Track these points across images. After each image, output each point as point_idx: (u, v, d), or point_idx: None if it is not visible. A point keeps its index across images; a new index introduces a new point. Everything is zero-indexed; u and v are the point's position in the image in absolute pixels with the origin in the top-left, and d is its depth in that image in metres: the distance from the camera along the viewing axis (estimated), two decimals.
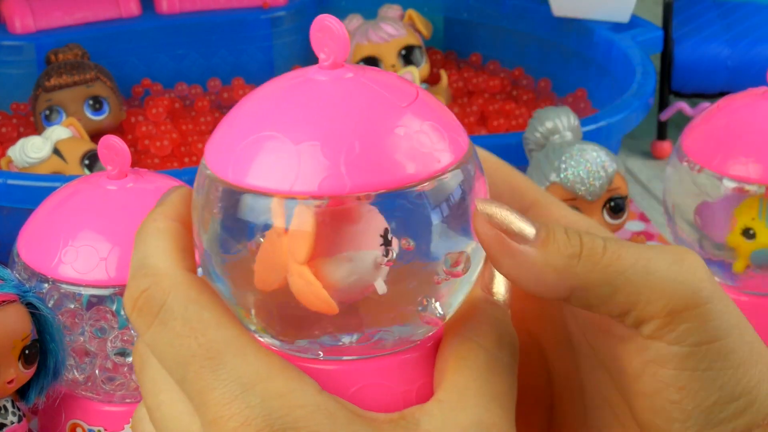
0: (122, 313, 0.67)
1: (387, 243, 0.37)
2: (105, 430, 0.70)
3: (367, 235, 0.37)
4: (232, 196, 0.36)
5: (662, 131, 1.11)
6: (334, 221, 0.36)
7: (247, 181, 0.36)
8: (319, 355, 0.38)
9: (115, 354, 0.68)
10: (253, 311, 0.38)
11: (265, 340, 0.38)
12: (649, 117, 1.12)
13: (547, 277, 0.37)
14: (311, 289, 0.36)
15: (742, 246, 0.80)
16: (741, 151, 0.80)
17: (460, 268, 0.38)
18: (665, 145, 1.11)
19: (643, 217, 1.00)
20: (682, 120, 1.12)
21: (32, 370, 0.66)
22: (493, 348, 0.37)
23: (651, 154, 1.12)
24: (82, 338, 0.68)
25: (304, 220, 0.36)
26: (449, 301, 0.38)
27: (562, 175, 0.78)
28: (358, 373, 0.38)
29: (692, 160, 0.81)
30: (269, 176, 0.36)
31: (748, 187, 0.79)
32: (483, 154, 0.41)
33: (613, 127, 0.90)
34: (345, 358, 0.38)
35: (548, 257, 0.37)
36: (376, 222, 0.37)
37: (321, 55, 0.38)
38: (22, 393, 0.67)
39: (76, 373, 0.69)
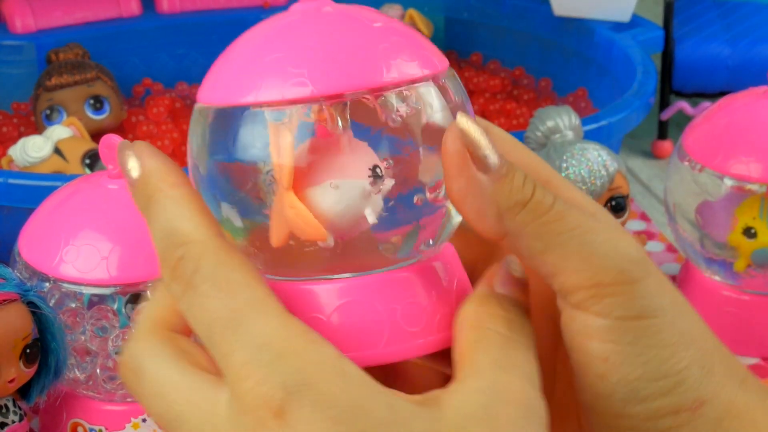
0: (123, 311, 0.67)
1: (376, 176, 0.38)
2: (106, 429, 0.70)
3: (354, 165, 0.38)
4: (215, 116, 0.39)
5: (663, 131, 1.11)
6: (316, 148, 0.38)
7: (230, 100, 0.38)
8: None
9: (116, 353, 0.68)
10: (249, 241, 0.39)
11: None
12: (649, 116, 1.12)
13: (488, 211, 0.37)
14: (299, 216, 0.38)
15: (743, 245, 0.80)
16: (742, 150, 0.80)
17: (441, 191, 0.39)
18: (666, 145, 1.11)
19: (644, 217, 1.00)
20: (683, 119, 1.12)
21: (33, 370, 0.66)
22: (506, 331, 0.38)
23: (652, 154, 1.12)
24: (83, 337, 0.68)
25: (279, 137, 0.37)
26: (436, 228, 0.39)
27: (563, 174, 0.78)
28: (342, 290, 0.39)
29: (693, 159, 0.81)
30: (243, 91, 0.38)
31: (749, 186, 0.79)
32: (499, 133, 0.42)
33: (614, 127, 0.90)
34: (331, 276, 0.39)
35: (497, 194, 0.37)
36: (363, 153, 0.38)
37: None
38: (24, 392, 0.67)
39: (77, 372, 0.69)
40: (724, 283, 0.83)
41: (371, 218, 0.38)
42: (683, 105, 0.90)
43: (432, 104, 0.39)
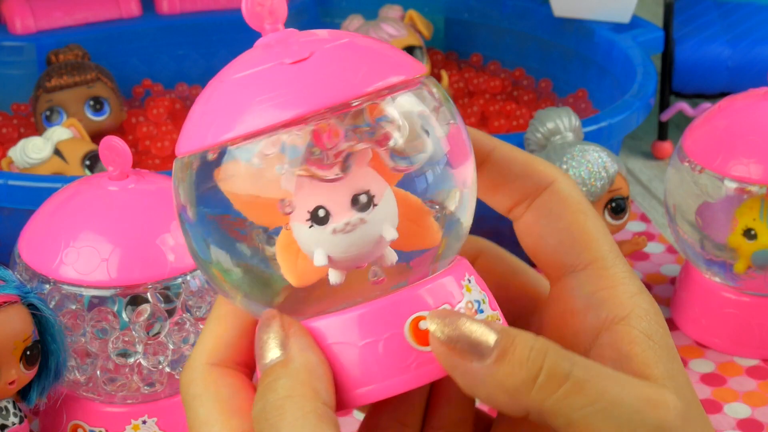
0: (123, 313, 0.67)
1: (317, 219, 0.38)
2: (106, 430, 0.70)
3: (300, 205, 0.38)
4: (199, 163, 0.39)
5: (663, 132, 1.11)
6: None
7: (211, 141, 0.38)
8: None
9: (116, 355, 0.68)
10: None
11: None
12: (650, 117, 1.12)
13: (498, 398, 0.36)
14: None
15: (743, 247, 0.80)
16: (742, 151, 0.80)
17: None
18: (666, 146, 1.11)
19: (644, 218, 1.00)
20: (683, 120, 1.12)
21: (33, 371, 0.66)
22: None
23: (652, 155, 1.12)
24: (83, 339, 0.68)
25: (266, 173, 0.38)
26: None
27: None
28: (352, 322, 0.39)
29: (693, 160, 0.81)
30: (222, 129, 0.38)
31: (749, 187, 0.79)
32: (562, 195, 0.41)
33: (614, 128, 0.90)
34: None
35: (501, 378, 0.35)
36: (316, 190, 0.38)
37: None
38: (24, 394, 0.67)
39: (77, 374, 0.68)
40: (724, 284, 0.83)
41: (320, 260, 0.38)
42: (683, 106, 0.90)
43: (410, 113, 0.39)
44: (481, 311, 0.40)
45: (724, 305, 0.83)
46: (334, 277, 0.39)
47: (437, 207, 0.40)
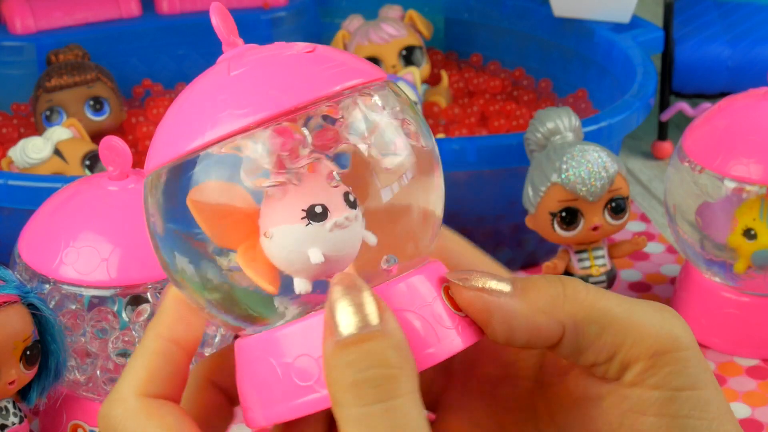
0: (123, 313, 0.67)
1: (313, 215, 0.38)
2: None
3: (288, 208, 0.38)
4: (166, 176, 0.39)
5: (663, 132, 1.11)
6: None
7: (176, 152, 0.38)
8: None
9: (116, 355, 0.68)
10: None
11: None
12: (650, 117, 1.12)
13: (537, 319, 0.38)
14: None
15: (743, 246, 0.80)
16: (742, 151, 0.80)
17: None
18: (666, 146, 1.11)
19: (644, 218, 1.00)
20: (683, 120, 1.12)
21: (33, 371, 0.66)
22: None
23: (652, 155, 1.12)
24: (83, 339, 0.68)
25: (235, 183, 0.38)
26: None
27: (563, 176, 0.78)
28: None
29: (693, 160, 0.81)
30: (187, 139, 0.38)
31: (749, 187, 0.79)
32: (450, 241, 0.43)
33: (614, 128, 0.90)
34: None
35: (532, 302, 0.38)
36: (305, 190, 0.38)
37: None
38: (24, 394, 0.67)
39: (77, 374, 0.69)
40: (724, 284, 0.83)
41: (317, 257, 0.38)
42: (683, 106, 0.90)
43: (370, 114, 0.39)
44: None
45: (724, 305, 0.83)
46: (300, 286, 0.39)
47: (407, 207, 0.40)
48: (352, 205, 0.38)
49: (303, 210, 0.38)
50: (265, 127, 0.37)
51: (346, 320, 0.36)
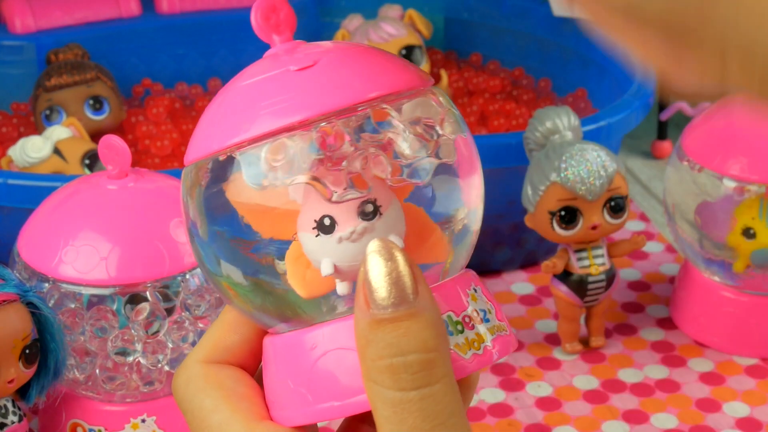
0: (122, 312, 0.67)
1: (323, 227, 0.38)
2: (105, 429, 0.70)
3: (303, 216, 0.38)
4: (211, 167, 0.39)
5: (662, 131, 1.11)
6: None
7: (221, 145, 0.38)
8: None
9: (115, 353, 0.68)
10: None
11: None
12: (649, 117, 1.12)
13: None
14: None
15: (742, 246, 0.80)
16: (741, 150, 0.80)
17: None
18: (665, 145, 1.11)
19: (643, 217, 1.00)
20: (683, 120, 1.12)
21: (33, 370, 0.66)
22: None
23: (651, 154, 1.12)
24: (82, 338, 0.68)
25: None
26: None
27: (562, 175, 0.78)
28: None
29: (692, 159, 0.81)
30: (233, 132, 0.38)
31: (748, 186, 0.79)
32: None
33: (613, 127, 0.90)
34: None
35: None
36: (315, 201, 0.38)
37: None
38: (23, 393, 0.67)
39: (76, 373, 0.69)
40: (723, 283, 0.83)
41: (327, 269, 0.38)
42: (682, 105, 0.90)
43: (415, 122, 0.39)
44: (487, 320, 0.40)
45: (723, 304, 0.83)
46: (342, 288, 0.39)
47: (445, 219, 0.40)
48: (369, 216, 0.38)
49: (315, 220, 0.38)
50: (305, 128, 0.37)
51: (382, 293, 0.36)
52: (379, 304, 0.36)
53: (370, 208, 0.38)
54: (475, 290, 0.41)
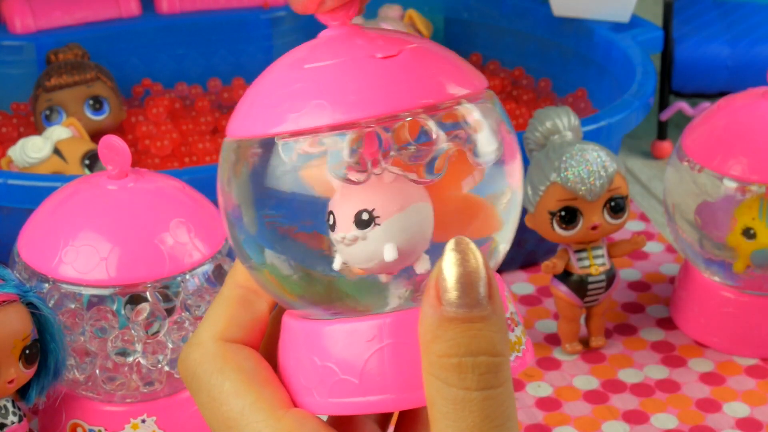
0: (122, 312, 0.67)
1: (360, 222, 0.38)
2: (105, 430, 0.70)
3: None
4: (260, 148, 0.38)
5: (662, 131, 1.11)
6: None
7: (274, 128, 0.37)
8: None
9: (115, 354, 0.68)
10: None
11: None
12: (649, 117, 1.12)
13: None
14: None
15: (742, 246, 0.80)
16: (741, 150, 0.80)
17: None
18: (665, 145, 1.11)
19: (643, 217, 1.00)
20: (683, 120, 1.12)
21: (33, 370, 0.66)
22: None
23: (651, 154, 1.12)
24: (82, 338, 0.68)
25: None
26: None
27: (562, 175, 0.78)
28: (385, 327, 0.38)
29: (693, 159, 0.81)
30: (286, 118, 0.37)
31: (748, 186, 0.79)
32: None
33: (613, 127, 0.90)
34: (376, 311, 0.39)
35: None
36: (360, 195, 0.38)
37: None
38: (23, 393, 0.67)
39: (76, 373, 0.69)
40: (723, 283, 0.83)
41: (337, 264, 0.38)
42: (682, 105, 0.90)
43: (475, 126, 0.39)
44: (519, 322, 0.41)
45: (724, 304, 0.83)
46: (389, 253, 0.38)
47: (493, 198, 0.40)
48: (363, 225, 0.38)
49: (328, 213, 0.38)
50: (350, 129, 0.37)
51: (457, 293, 0.36)
52: (452, 302, 0.36)
53: (365, 216, 0.38)
54: (507, 292, 0.41)
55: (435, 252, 0.38)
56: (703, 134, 0.82)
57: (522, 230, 0.88)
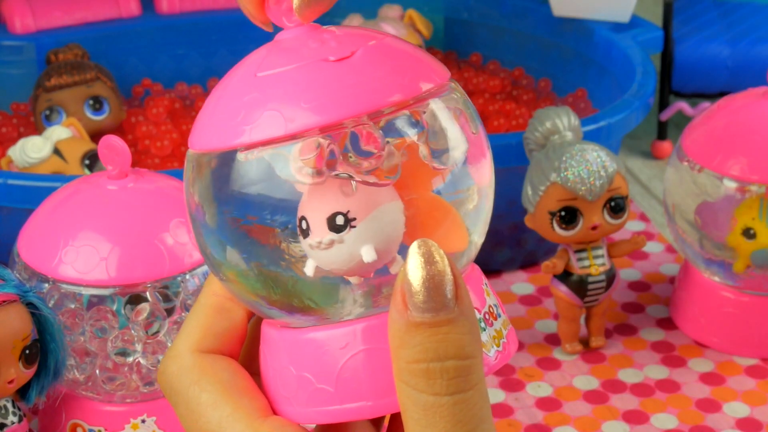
0: (122, 312, 0.67)
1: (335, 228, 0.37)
2: (105, 430, 0.70)
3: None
4: (218, 162, 0.38)
5: (662, 131, 1.11)
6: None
7: (229, 142, 0.37)
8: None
9: (115, 354, 0.68)
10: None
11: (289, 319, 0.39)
12: (649, 117, 1.12)
13: None
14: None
15: (742, 246, 0.80)
16: (741, 151, 0.80)
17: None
18: (665, 145, 1.11)
19: (643, 217, 1.00)
20: (683, 120, 1.12)
21: (33, 370, 0.66)
22: None
23: (651, 154, 1.12)
24: (82, 338, 0.68)
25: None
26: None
27: (562, 175, 0.78)
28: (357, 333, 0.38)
29: (692, 160, 0.81)
30: (241, 131, 0.37)
31: (748, 186, 0.79)
32: None
33: (613, 127, 0.90)
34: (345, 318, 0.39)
35: None
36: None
37: None
38: (23, 393, 0.67)
39: (76, 373, 0.69)
40: (723, 283, 0.83)
41: (309, 270, 0.38)
42: (682, 105, 0.90)
43: (439, 121, 0.38)
44: (499, 315, 0.40)
45: (724, 304, 0.83)
46: (368, 255, 0.38)
47: (458, 200, 0.39)
48: (338, 228, 0.37)
49: (298, 219, 0.38)
50: (341, 129, 0.36)
51: (422, 297, 0.35)
52: (418, 306, 0.35)
53: (340, 220, 0.37)
54: (486, 284, 0.40)
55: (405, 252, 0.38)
56: (703, 134, 0.82)
57: (522, 230, 0.88)
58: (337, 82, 0.37)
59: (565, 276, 0.81)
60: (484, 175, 0.40)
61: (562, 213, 0.79)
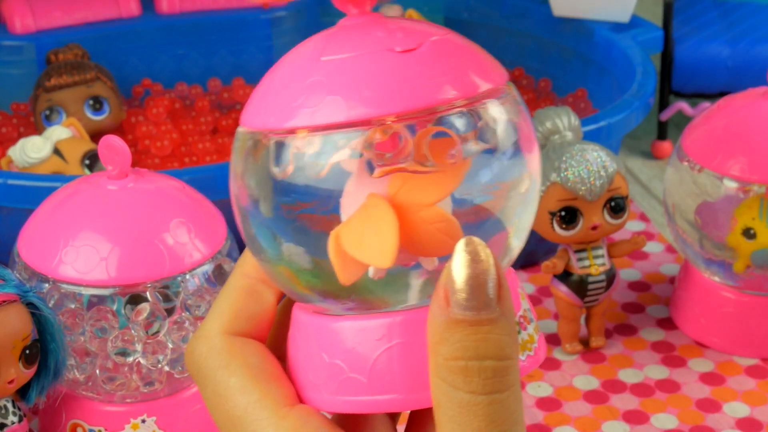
0: (122, 312, 0.67)
1: None
2: (105, 430, 0.70)
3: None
4: (276, 146, 0.37)
5: (662, 131, 1.11)
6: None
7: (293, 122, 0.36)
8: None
9: (115, 354, 0.68)
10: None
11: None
12: (649, 117, 1.12)
13: None
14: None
15: (742, 246, 0.80)
16: (741, 150, 0.80)
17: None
18: (665, 145, 1.11)
19: (643, 217, 1.00)
20: (683, 120, 1.12)
21: (33, 370, 0.66)
22: None
23: (651, 154, 1.12)
24: (82, 338, 0.68)
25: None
26: None
27: (562, 175, 0.78)
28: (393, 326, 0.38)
29: (693, 160, 0.81)
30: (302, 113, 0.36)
31: (748, 186, 0.79)
32: None
33: (613, 127, 0.90)
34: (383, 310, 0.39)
35: None
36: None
37: None
38: (23, 393, 0.67)
39: (76, 373, 0.69)
40: (724, 283, 0.83)
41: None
42: (683, 105, 0.90)
43: (495, 120, 0.38)
44: (532, 320, 0.40)
45: (724, 304, 0.83)
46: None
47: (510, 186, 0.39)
48: None
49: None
50: (365, 126, 0.36)
51: (465, 295, 0.35)
52: (461, 304, 0.35)
53: None
54: (521, 288, 0.40)
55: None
56: (703, 134, 0.82)
57: None
58: (401, 73, 0.36)
59: (565, 276, 0.82)
60: (535, 167, 0.40)
61: (562, 213, 0.79)
